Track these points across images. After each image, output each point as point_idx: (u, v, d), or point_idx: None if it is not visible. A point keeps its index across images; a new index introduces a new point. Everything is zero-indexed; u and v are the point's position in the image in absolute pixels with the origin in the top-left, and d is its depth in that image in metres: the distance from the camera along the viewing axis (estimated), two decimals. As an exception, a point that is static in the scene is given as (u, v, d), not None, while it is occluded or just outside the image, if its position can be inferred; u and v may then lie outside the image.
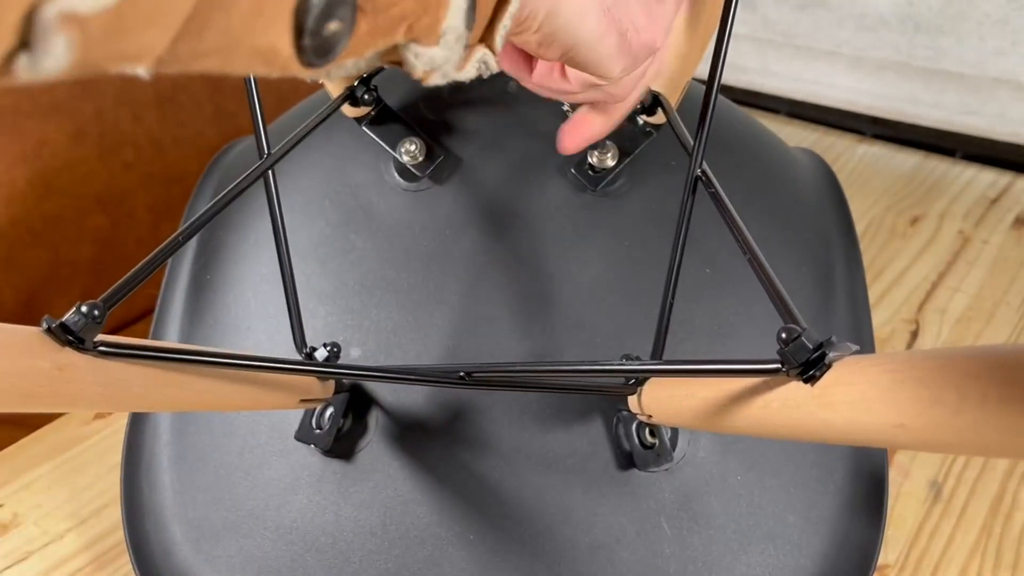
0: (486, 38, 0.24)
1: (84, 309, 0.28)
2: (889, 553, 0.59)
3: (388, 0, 0.19)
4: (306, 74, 0.19)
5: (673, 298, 0.39)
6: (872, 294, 0.80)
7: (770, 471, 0.46)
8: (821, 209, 0.58)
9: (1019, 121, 1.03)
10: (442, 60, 0.22)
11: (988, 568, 0.58)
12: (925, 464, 0.65)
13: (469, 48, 0.23)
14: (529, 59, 0.34)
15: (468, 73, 0.24)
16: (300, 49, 0.18)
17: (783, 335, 0.25)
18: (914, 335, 0.78)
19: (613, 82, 0.33)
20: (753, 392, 0.29)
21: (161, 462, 0.51)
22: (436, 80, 0.23)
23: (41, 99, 0.75)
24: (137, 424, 0.54)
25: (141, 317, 0.85)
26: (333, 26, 0.18)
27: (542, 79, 0.34)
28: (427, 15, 0.21)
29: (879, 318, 0.79)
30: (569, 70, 0.33)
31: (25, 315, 0.79)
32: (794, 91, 1.19)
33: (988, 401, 0.18)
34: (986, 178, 1.01)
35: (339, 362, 0.46)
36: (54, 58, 0.14)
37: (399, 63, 0.22)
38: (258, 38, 0.17)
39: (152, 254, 0.34)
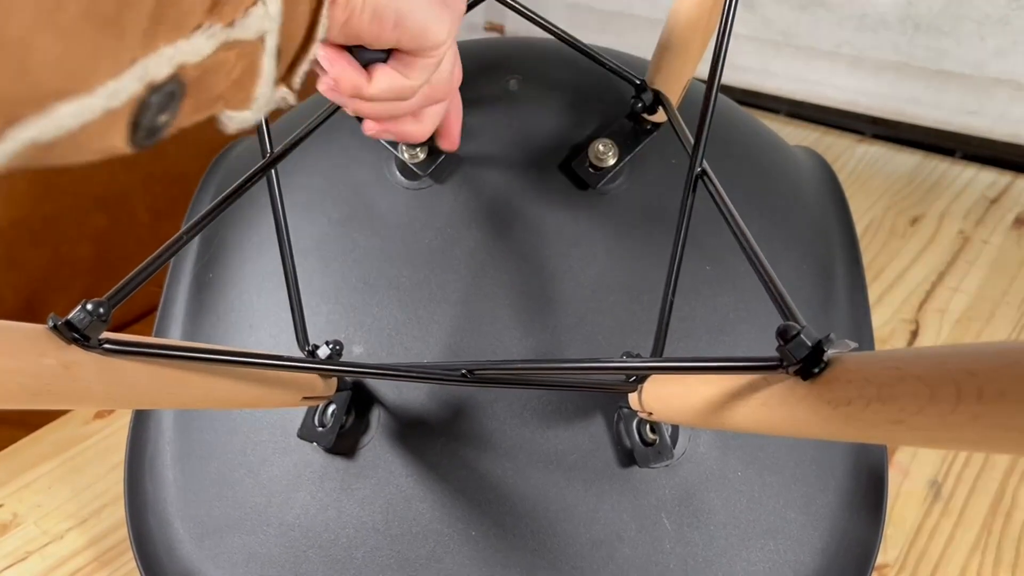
0: (287, 79, 0.26)
1: (89, 307, 0.28)
2: (889, 552, 0.59)
3: (210, 89, 0.22)
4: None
5: (674, 296, 0.39)
6: (872, 294, 0.80)
7: (770, 467, 0.46)
8: (821, 207, 0.59)
9: (1019, 121, 1.03)
10: (251, 119, 0.25)
11: (988, 567, 0.58)
12: (925, 463, 0.65)
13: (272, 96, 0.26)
14: (365, 72, 0.34)
15: (268, 108, 0.26)
16: (133, 141, 0.21)
17: (782, 332, 0.25)
18: (914, 335, 0.78)
19: (437, 61, 0.34)
20: (752, 389, 0.29)
21: (164, 459, 0.51)
22: (246, 127, 0.25)
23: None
24: (141, 421, 0.54)
25: (141, 317, 0.85)
26: (163, 118, 0.22)
27: (384, 82, 0.34)
28: (242, 91, 0.23)
29: (879, 318, 0.79)
30: (409, 67, 0.34)
31: (26, 314, 0.79)
32: (794, 91, 1.20)
33: (985, 397, 0.19)
34: (986, 178, 1.01)
35: (341, 360, 0.46)
36: None
37: None
38: (101, 143, 0.20)
39: (156, 253, 0.34)
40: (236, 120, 0.25)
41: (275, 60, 0.24)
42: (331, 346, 0.45)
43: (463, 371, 0.39)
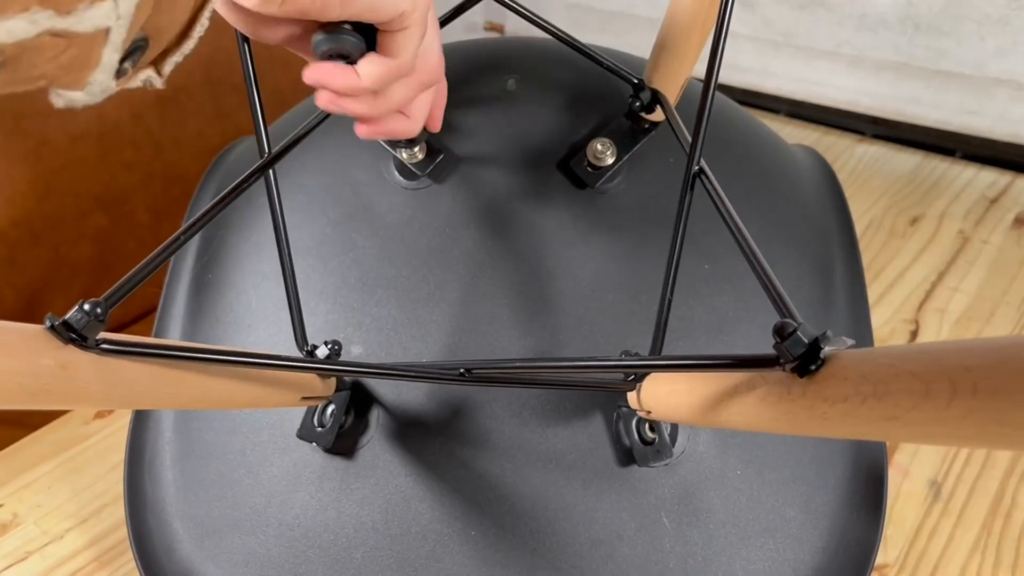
0: (157, 63, 0.26)
1: (87, 307, 0.28)
2: (889, 552, 0.59)
3: (31, 67, 0.21)
4: None
5: (672, 294, 0.39)
6: (872, 294, 0.80)
7: (769, 466, 0.46)
8: (821, 207, 0.59)
9: (1019, 121, 1.03)
10: (84, 101, 0.24)
11: (988, 567, 0.58)
12: (925, 463, 0.65)
13: (134, 72, 0.25)
14: (352, 69, 0.34)
15: (127, 85, 0.25)
16: None
17: (778, 329, 0.25)
18: (914, 335, 0.78)
19: (414, 31, 0.33)
20: (750, 387, 0.29)
21: (164, 459, 0.51)
22: (75, 106, 0.25)
23: (41, 99, 0.75)
24: (140, 422, 0.54)
25: (140, 317, 0.85)
26: None
27: (372, 68, 0.34)
28: (71, 74, 0.22)
29: (879, 318, 0.79)
30: (388, 46, 0.33)
31: (26, 314, 0.79)
32: (794, 91, 1.20)
33: (980, 392, 0.19)
34: (986, 178, 1.01)
35: (340, 360, 0.46)
36: None
37: None
38: None
39: (154, 253, 0.34)
40: (64, 98, 0.24)
41: (119, 52, 0.23)
42: (330, 346, 0.45)
43: (461, 370, 0.39)
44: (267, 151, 0.42)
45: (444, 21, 0.48)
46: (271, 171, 0.43)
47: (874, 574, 0.55)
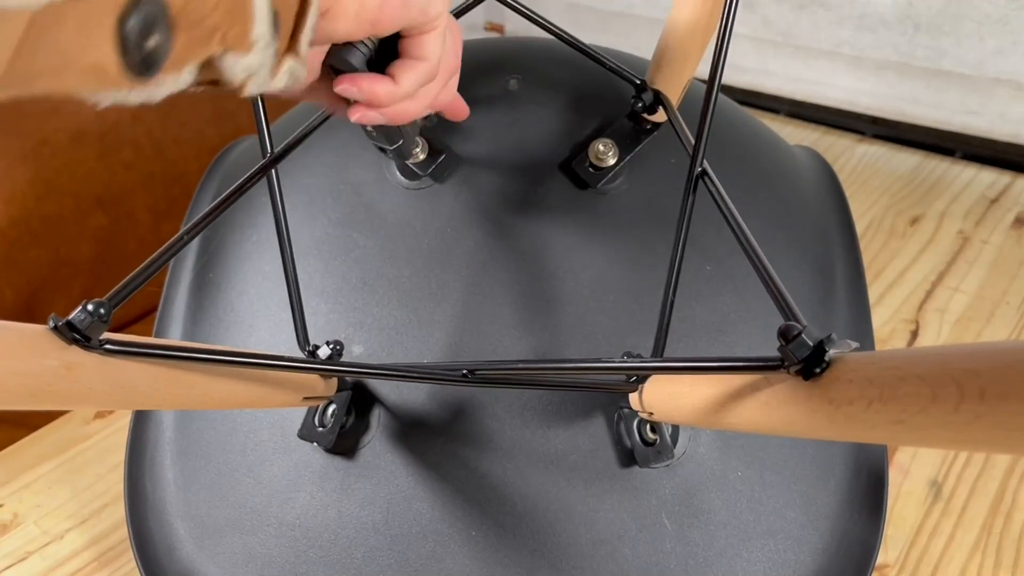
0: (292, 47, 0.27)
1: (90, 308, 0.28)
2: (889, 552, 0.59)
3: (199, 14, 0.21)
4: (134, 92, 0.22)
5: (674, 296, 0.39)
6: (872, 294, 0.80)
7: (770, 467, 0.46)
8: (821, 207, 0.59)
9: (1019, 121, 1.03)
10: (257, 65, 0.25)
11: (988, 567, 0.58)
12: (925, 463, 0.65)
13: (279, 58, 0.26)
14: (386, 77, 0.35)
15: (280, 82, 0.27)
16: (126, 65, 0.21)
17: (783, 332, 0.25)
18: (914, 335, 0.78)
19: (442, 32, 0.35)
20: (753, 389, 0.29)
21: (164, 459, 0.51)
22: (254, 89, 0.25)
23: (41, 99, 0.75)
24: (141, 421, 0.54)
25: (141, 317, 0.85)
26: (153, 42, 0.21)
27: (408, 74, 0.34)
28: (237, 24, 0.23)
29: (879, 318, 0.79)
30: (419, 48, 0.34)
31: (26, 314, 0.79)
32: (794, 91, 1.20)
33: (987, 397, 0.19)
34: (986, 178, 1.01)
35: (342, 360, 0.46)
36: None
37: (217, 81, 0.25)
38: (87, 56, 0.19)
39: (156, 253, 0.34)
40: (241, 67, 0.24)
41: (267, 2, 0.24)
42: (331, 346, 0.45)
43: (464, 371, 0.39)
44: (269, 151, 0.42)
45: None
46: (274, 171, 0.42)
47: (874, 574, 0.55)
